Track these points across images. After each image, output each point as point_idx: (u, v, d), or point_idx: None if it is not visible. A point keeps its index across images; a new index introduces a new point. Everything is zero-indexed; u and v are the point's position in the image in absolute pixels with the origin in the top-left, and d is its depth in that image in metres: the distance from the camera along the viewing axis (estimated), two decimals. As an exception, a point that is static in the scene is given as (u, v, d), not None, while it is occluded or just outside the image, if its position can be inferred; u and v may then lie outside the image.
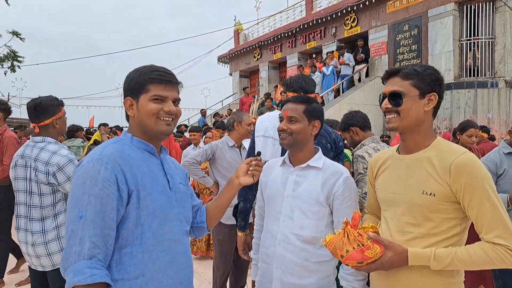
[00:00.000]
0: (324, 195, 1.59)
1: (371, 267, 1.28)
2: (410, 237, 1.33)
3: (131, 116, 1.28)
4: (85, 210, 1.10)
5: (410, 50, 10.91)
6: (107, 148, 1.21)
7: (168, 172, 1.32)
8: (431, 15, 10.31)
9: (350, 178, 1.63)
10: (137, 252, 1.18)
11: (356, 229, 1.28)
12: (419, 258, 1.26)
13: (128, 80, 1.28)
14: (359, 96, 10.69)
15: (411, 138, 1.37)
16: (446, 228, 1.29)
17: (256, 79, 17.65)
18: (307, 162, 1.65)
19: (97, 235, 1.10)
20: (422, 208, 1.31)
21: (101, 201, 1.11)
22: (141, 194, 1.19)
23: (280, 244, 1.62)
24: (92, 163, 1.15)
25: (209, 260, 4.58)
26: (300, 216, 1.60)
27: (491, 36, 9.90)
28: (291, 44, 15.06)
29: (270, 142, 2.18)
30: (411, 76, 1.33)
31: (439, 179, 1.28)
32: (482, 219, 1.24)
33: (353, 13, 12.37)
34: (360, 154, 2.55)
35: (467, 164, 1.25)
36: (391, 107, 1.35)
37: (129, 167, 1.19)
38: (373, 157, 1.62)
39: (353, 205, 1.61)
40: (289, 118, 1.64)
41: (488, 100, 9.54)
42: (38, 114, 2.23)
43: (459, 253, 1.24)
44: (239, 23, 18.90)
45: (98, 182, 1.12)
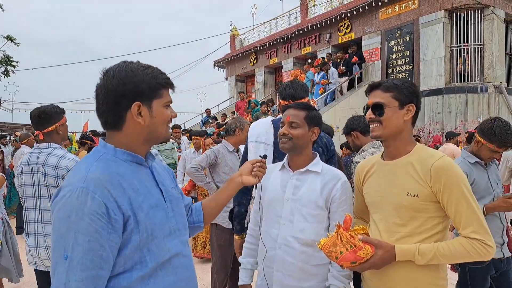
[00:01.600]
0: (323, 199, 1.63)
1: (364, 266, 1.38)
2: (398, 236, 1.44)
3: (141, 123, 1.11)
4: (70, 250, 0.96)
5: (402, 56, 11.20)
6: (91, 172, 1.03)
7: (160, 181, 1.19)
8: (422, 22, 10.62)
9: (347, 183, 1.69)
10: (136, 276, 1.06)
11: (348, 231, 1.37)
12: (405, 254, 1.38)
13: (135, 82, 1.09)
14: (353, 101, 10.92)
15: (393, 145, 1.50)
16: (430, 226, 1.42)
17: (252, 84, 17.85)
18: (306, 167, 1.69)
19: (85, 278, 0.96)
20: (408, 208, 1.42)
21: (89, 238, 0.96)
22: (138, 217, 1.06)
23: (280, 247, 1.64)
24: (76, 193, 0.98)
25: (206, 264, 4.61)
26: (300, 220, 1.63)
27: (480, 42, 10.23)
28: (286, 49, 15.30)
29: (262, 147, 2.19)
30: (391, 89, 1.46)
31: (421, 181, 1.40)
32: (460, 216, 1.36)
33: (347, 20, 12.65)
34: (357, 160, 2.53)
35: (445, 167, 1.38)
36: (374, 117, 1.47)
37: (120, 191, 1.04)
38: (359, 164, 1.71)
39: (348, 209, 1.66)
40: (290, 124, 1.68)
41: (478, 104, 9.84)
42: (43, 122, 2.34)
43: (440, 248, 1.36)
44: (235, 28, 19.11)
45: (85, 216, 0.96)
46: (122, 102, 1.09)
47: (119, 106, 1.09)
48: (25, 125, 14.95)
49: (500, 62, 10.35)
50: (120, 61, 1.14)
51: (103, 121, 1.13)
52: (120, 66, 1.11)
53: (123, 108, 1.09)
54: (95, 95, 1.12)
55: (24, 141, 6.58)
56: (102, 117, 1.13)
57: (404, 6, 11.06)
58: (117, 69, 1.10)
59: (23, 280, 4.12)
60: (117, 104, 1.09)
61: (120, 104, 1.09)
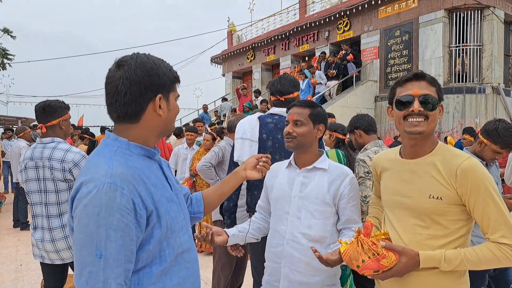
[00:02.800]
0: (330, 196, 1.64)
1: (387, 274, 1.31)
2: (421, 237, 1.37)
3: (161, 116, 1.11)
4: (104, 247, 0.93)
5: (401, 55, 11.15)
6: (114, 166, 1.01)
7: (167, 175, 1.21)
8: (422, 22, 10.56)
9: (354, 179, 1.70)
10: (156, 271, 1.06)
11: (369, 237, 1.30)
12: (430, 260, 1.30)
13: (159, 74, 1.09)
14: (351, 100, 10.87)
15: (422, 143, 1.39)
16: (454, 230, 1.34)
17: (249, 80, 17.75)
18: (313, 164, 1.70)
19: (121, 274, 0.95)
20: (430, 211, 1.34)
21: (121, 234, 0.95)
22: (160, 211, 1.06)
23: (288, 243, 1.66)
24: (104, 188, 0.95)
25: (205, 259, 4.62)
26: (307, 216, 1.65)
27: (479, 43, 10.19)
28: (284, 46, 15.20)
29: (247, 143, 2.22)
30: (435, 83, 1.37)
31: (445, 183, 1.32)
32: (488, 220, 1.28)
33: (346, 18, 12.57)
34: (362, 158, 2.59)
35: (472, 168, 1.29)
36: (423, 110, 1.33)
37: (142, 185, 1.03)
38: (375, 157, 1.65)
39: (357, 204, 1.69)
40: (294, 122, 1.68)
41: (476, 105, 9.82)
42: (46, 115, 2.37)
43: (467, 254, 1.28)
44: (232, 24, 18.97)
45: (115, 212, 0.95)
46: (146, 94, 1.07)
47: (143, 98, 1.07)
48: (20, 118, 14.78)
49: (499, 63, 10.32)
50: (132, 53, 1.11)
51: (123, 113, 1.08)
52: (140, 57, 1.09)
53: (147, 100, 1.08)
54: (110, 86, 1.07)
55: (20, 135, 6.49)
56: (122, 108, 1.07)
57: (403, 5, 11.00)
58: (139, 60, 1.08)
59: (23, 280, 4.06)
60: (141, 95, 1.07)
61: (144, 95, 1.07)
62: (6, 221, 6.78)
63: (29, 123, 15.58)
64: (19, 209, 6.17)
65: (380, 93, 11.67)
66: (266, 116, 2.28)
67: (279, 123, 2.20)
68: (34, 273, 4.14)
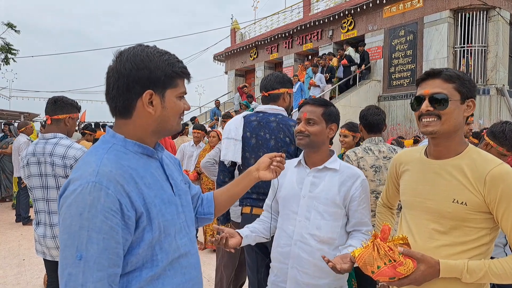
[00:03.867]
0: (341, 197, 1.61)
1: (403, 282, 1.24)
2: (437, 244, 1.31)
3: (151, 113, 1.04)
4: (85, 249, 0.89)
5: (405, 55, 11.10)
6: (103, 165, 0.96)
7: (169, 174, 1.14)
8: (427, 22, 10.51)
9: (365, 181, 1.67)
10: (146, 276, 1.00)
11: (386, 242, 1.24)
12: (452, 270, 1.23)
13: (151, 68, 1.01)
14: (354, 99, 10.84)
15: (445, 144, 1.33)
16: (476, 238, 1.27)
17: (251, 78, 17.72)
18: (323, 164, 1.67)
19: (103, 278, 0.90)
20: (452, 216, 1.28)
21: (104, 236, 0.90)
22: (151, 213, 1.00)
23: (296, 244, 1.63)
24: (88, 188, 0.91)
25: (207, 256, 4.62)
26: (316, 217, 1.61)
27: (484, 44, 10.14)
28: (287, 45, 15.15)
29: (232, 143, 2.23)
30: (454, 80, 1.29)
31: (472, 189, 1.25)
32: None
33: (350, 17, 12.51)
34: (347, 153, 2.59)
35: (504, 175, 1.21)
36: (432, 110, 1.29)
37: (133, 185, 0.98)
38: (397, 154, 1.58)
39: (368, 207, 1.66)
40: (307, 120, 1.65)
41: (480, 106, 9.77)
42: (56, 108, 2.38)
43: (493, 266, 1.21)
44: (236, 22, 18.93)
45: (98, 213, 0.90)
46: (134, 88, 1.01)
47: (130, 93, 1.01)
48: (23, 113, 14.77)
49: (504, 64, 10.27)
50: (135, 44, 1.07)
51: (112, 107, 1.06)
52: (135, 49, 1.03)
53: (135, 95, 1.02)
54: (106, 77, 1.05)
55: (22, 129, 6.47)
56: (111, 102, 1.05)
57: (408, 5, 10.94)
58: (132, 52, 1.02)
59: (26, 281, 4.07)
60: (128, 90, 1.01)
61: (131, 90, 1.01)
62: (8, 216, 6.80)
63: (32, 118, 15.59)
64: (21, 203, 6.19)
65: (383, 93, 11.63)
66: (251, 114, 2.29)
67: (262, 120, 2.20)
68: (37, 268, 4.16)
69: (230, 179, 2.27)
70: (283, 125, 2.14)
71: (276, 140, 2.13)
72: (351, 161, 2.54)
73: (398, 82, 11.27)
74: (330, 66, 11.04)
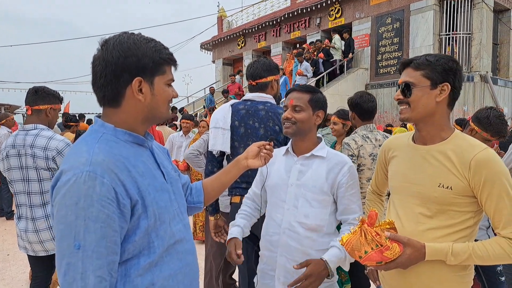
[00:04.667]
0: (328, 184, 1.61)
1: (390, 266, 1.28)
2: (424, 228, 1.34)
3: (141, 101, 1.04)
4: (83, 239, 0.90)
5: (392, 43, 11.17)
6: (95, 154, 0.96)
7: (161, 162, 1.15)
8: (413, 9, 10.56)
9: (353, 167, 1.66)
10: (144, 263, 1.02)
11: (373, 227, 1.26)
12: (437, 253, 1.27)
13: (138, 55, 1.01)
14: (342, 87, 10.90)
15: (425, 130, 1.36)
16: (461, 221, 1.30)
17: (240, 67, 17.59)
18: (311, 152, 1.66)
19: (102, 266, 0.91)
20: (438, 200, 1.31)
21: (101, 224, 0.91)
22: (146, 201, 1.01)
23: (284, 232, 1.63)
24: (83, 177, 0.91)
25: (197, 246, 4.66)
26: (304, 205, 1.62)
27: (468, 31, 10.27)
28: (275, 33, 15.06)
29: (220, 132, 2.19)
30: (423, 66, 1.32)
31: (457, 173, 1.28)
32: (500, 215, 1.24)
33: (338, 4, 12.48)
34: (347, 141, 2.56)
35: (488, 160, 1.24)
36: (403, 98, 1.35)
37: (127, 174, 0.99)
38: (386, 140, 1.61)
39: (357, 193, 1.65)
40: (293, 107, 1.63)
41: (464, 93, 9.94)
42: (37, 98, 2.30)
43: (476, 248, 1.24)
44: (222, 9, 18.67)
45: (94, 202, 0.91)
46: (122, 77, 1.01)
47: (119, 81, 1.01)
48: (3, 104, 14.37)
49: (487, 51, 10.44)
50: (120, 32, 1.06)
51: (101, 96, 1.04)
52: (121, 37, 1.03)
53: (123, 83, 1.01)
54: (91, 67, 1.03)
55: (2, 122, 6.32)
56: (99, 91, 1.04)
57: (395, -8, 10.96)
58: (118, 40, 1.01)
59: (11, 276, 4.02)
60: (116, 78, 1.01)
61: (120, 78, 1.01)
62: (-7, 210, 6.68)
63: (13, 110, 15.14)
64: (2, 198, 6.06)
65: (370, 80, 11.71)
66: (239, 103, 2.25)
67: (251, 108, 2.16)
68: (22, 263, 4.10)
69: (219, 169, 2.24)
70: (272, 113, 2.12)
71: (266, 129, 2.11)
72: (352, 149, 2.51)
73: (385, 70, 11.36)
74: (314, 59, 10.99)
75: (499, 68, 11.75)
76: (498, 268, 2.45)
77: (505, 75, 11.54)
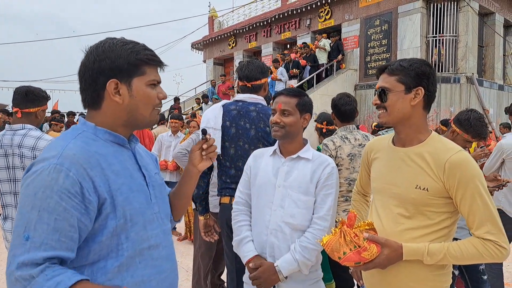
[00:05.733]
0: (313, 185, 1.65)
1: (368, 266, 1.32)
2: (402, 228, 1.37)
3: (119, 102, 1.04)
4: (33, 229, 0.87)
5: (380, 44, 11.32)
6: (67, 148, 0.96)
7: (142, 165, 1.13)
8: (401, 12, 10.72)
9: (335, 169, 1.69)
10: (112, 267, 0.99)
11: (352, 228, 1.30)
12: (413, 253, 1.30)
13: (112, 57, 1.02)
14: (332, 88, 10.99)
15: (403, 132, 1.41)
16: (438, 221, 1.34)
17: (230, 67, 17.60)
18: (297, 153, 1.70)
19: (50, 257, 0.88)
20: (415, 201, 1.34)
21: (56, 217, 0.88)
22: (116, 200, 0.99)
23: (271, 233, 1.66)
24: (48, 169, 0.91)
25: (186, 247, 4.66)
26: (290, 205, 1.65)
27: (455, 34, 10.47)
28: (266, 33, 15.12)
29: (211, 132, 2.18)
30: (397, 72, 1.36)
31: (433, 175, 1.32)
32: (473, 216, 1.27)
33: (327, 6, 12.59)
34: (325, 142, 2.61)
35: (461, 162, 1.28)
36: (380, 103, 1.40)
37: (98, 171, 0.97)
38: (369, 141, 1.66)
39: (333, 194, 1.66)
40: (282, 111, 1.67)
41: (451, 94, 10.14)
42: (27, 101, 2.28)
43: (451, 249, 1.28)
44: (213, 9, 18.65)
45: (54, 194, 0.89)
46: (99, 80, 1.03)
47: (96, 84, 1.04)
48: (-11, 104, 14.08)
49: (473, 53, 10.65)
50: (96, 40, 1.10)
51: (83, 99, 1.09)
52: (100, 42, 1.06)
53: (100, 86, 1.04)
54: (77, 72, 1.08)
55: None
56: (82, 94, 1.08)
57: (383, -5, 11.11)
58: (95, 45, 1.05)
59: None
60: (94, 81, 1.04)
61: (97, 81, 1.03)
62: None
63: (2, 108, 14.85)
64: None
65: (359, 81, 11.85)
66: (230, 103, 2.25)
67: (242, 109, 2.17)
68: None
69: (209, 169, 2.27)
70: (263, 115, 2.13)
71: (256, 130, 2.12)
72: (330, 150, 2.55)
73: (374, 71, 11.48)
74: (295, 61, 11.02)
75: (484, 70, 12.00)
76: (480, 267, 2.49)
77: (491, 77, 11.79)
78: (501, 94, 11.98)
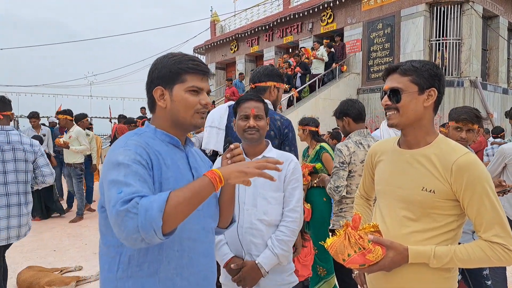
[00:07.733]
0: (280, 181, 1.74)
1: (373, 269, 1.30)
2: (408, 231, 1.35)
3: (162, 107, 1.19)
4: (124, 175, 1.00)
5: (383, 48, 11.27)
6: (130, 140, 1.12)
7: (193, 166, 1.25)
8: (404, 15, 10.69)
9: (297, 164, 1.81)
10: (153, 249, 1.09)
11: (356, 230, 1.28)
12: (419, 257, 1.28)
13: (159, 68, 1.18)
14: (334, 92, 10.95)
15: (412, 134, 1.39)
16: (444, 224, 1.32)
17: (232, 72, 17.61)
18: (262, 154, 1.78)
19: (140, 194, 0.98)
20: (421, 204, 1.32)
21: (135, 170, 1.03)
22: (163, 187, 1.10)
23: (247, 231, 1.74)
24: (120, 149, 1.07)
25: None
26: (263, 203, 1.74)
27: (458, 37, 10.41)
28: (268, 37, 15.12)
29: (215, 131, 2.25)
30: (410, 72, 1.34)
31: (439, 177, 1.30)
32: (481, 218, 1.25)
33: (330, 10, 12.58)
34: (339, 147, 2.56)
35: (469, 164, 1.26)
36: (391, 104, 1.36)
37: (155, 158, 1.11)
38: (373, 144, 1.63)
39: (299, 187, 1.78)
40: (255, 116, 1.74)
41: (454, 98, 10.06)
42: (5, 105, 2.79)
43: (458, 252, 1.26)
44: (215, 14, 18.72)
45: (131, 154, 1.05)
46: (151, 87, 1.20)
47: (150, 91, 1.21)
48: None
49: (477, 57, 10.58)
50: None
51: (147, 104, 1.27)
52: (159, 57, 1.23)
53: (150, 92, 1.21)
54: None
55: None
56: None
57: (386, -2, 11.09)
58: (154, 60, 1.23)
59: None
60: (149, 88, 1.21)
61: (150, 89, 1.21)
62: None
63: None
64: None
65: (362, 85, 11.80)
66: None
67: None
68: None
69: None
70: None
71: None
72: (344, 156, 2.51)
73: (377, 75, 11.45)
74: (303, 62, 11.03)
75: (488, 74, 11.92)
76: (484, 272, 2.47)
77: (494, 80, 11.71)
78: (506, 98, 11.89)
